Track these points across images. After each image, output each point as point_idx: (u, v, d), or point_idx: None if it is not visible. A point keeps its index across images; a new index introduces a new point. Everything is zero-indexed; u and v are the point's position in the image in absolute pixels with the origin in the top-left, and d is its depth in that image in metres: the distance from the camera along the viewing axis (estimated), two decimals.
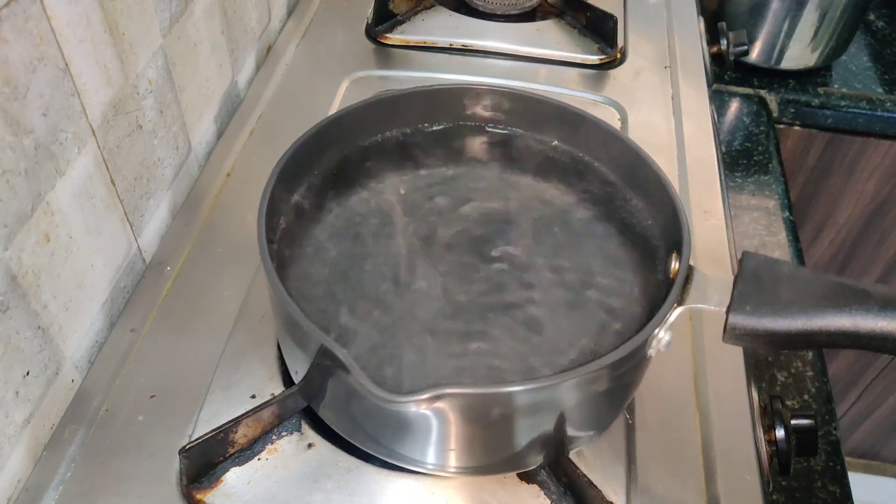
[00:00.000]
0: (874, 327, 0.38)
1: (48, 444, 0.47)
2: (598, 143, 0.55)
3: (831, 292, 0.39)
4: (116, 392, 0.50)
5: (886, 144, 1.04)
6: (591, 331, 0.45)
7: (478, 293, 0.47)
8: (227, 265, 0.58)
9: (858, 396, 1.43)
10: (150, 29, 0.56)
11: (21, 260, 0.43)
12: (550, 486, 0.46)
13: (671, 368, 0.53)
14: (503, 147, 0.58)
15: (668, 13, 0.90)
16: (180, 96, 0.62)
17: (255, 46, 0.78)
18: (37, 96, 0.43)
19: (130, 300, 0.56)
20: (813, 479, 0.63)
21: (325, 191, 0.53)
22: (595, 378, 0.40)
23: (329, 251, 0.49)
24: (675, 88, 0.78)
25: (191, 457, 0.44)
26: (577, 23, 0.85)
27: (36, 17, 0.42)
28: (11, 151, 0.41)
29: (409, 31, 0.83)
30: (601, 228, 0.52)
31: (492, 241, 0.50)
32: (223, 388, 0.50)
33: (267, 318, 0.54)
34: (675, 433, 0.49)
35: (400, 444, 0.43)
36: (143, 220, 0.58)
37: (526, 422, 0.41)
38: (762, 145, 0.94)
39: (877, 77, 1.05)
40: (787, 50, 0.99)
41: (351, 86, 0.76)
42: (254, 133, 0.70)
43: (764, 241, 0.82)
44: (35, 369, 0.46)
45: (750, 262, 0.42)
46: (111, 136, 0.52)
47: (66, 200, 0.47)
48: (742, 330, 0.40)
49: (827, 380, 0.70)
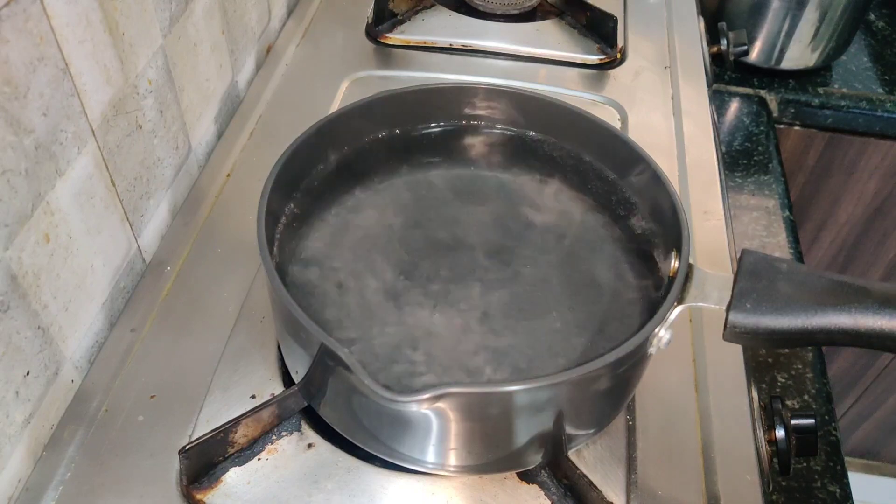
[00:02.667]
0: (874, 325, 0.38)
1: (48, 444, 0.47)
2: (597, 142, 0.55)
3: (831, 290, 0.39)
4: (116, 392, 0.50)
5: (886, 144, 1.04)
6: (592, 329, 0.45)
7: (478, 293, 0.47)
8: (227, 265, 0.58)
9: (858, 397, 1.43)
10: (150, 29, 0.56)
11: (21, 260, 0.43)
12: (550, 486, 0.46)
13: (671, 368, 0.53)
14: (502, 147, 0.58)
15: (668, 13, 0.90)
16: (180, 96, 0.62)
17: (255, 46, 0.78)
18: (37, 96, 0.43)
19: (130, 300, 0.56)
20: (813, 479, 0.63)
21: (325, 191, 0.53)
22: (595, 377, 0.40)
23: (329, 251, 0.49)
24: (675, 88, 0.78)
25: (191, 457, 0.44)
26: (576, 23, 0.85)
27: (36, 16, 0.42)
28: (12, 151, 0.41)
29: (409, 31, 0.83)
30: (601, 228, 0.52)
31: (492, 240, 0.50)
32: (223, 389, 0.50)
33: (267, 318, 0.54)
34: (675, 433, 0.49)
35: (400, 442, 0.43)
36: (143, 220, 0.58)
37: (526, 421, 0.41)
38: (762, 145, 0.94)
39: (877, 77, 1.05)
40: (787, 50, 0.99)
41: (351, 86, 0.76)
42: (254, 133, 0.70)
43: (764, 242, 0.82)
44: (35, 369, 0.46)
45: (749, 260, 0.42)
46: (111, 136, 0.52)
47: (66, 200, 0.47)
48: (742, 328, 0.40)
49: (827, 380, 0.70)
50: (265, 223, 0.44)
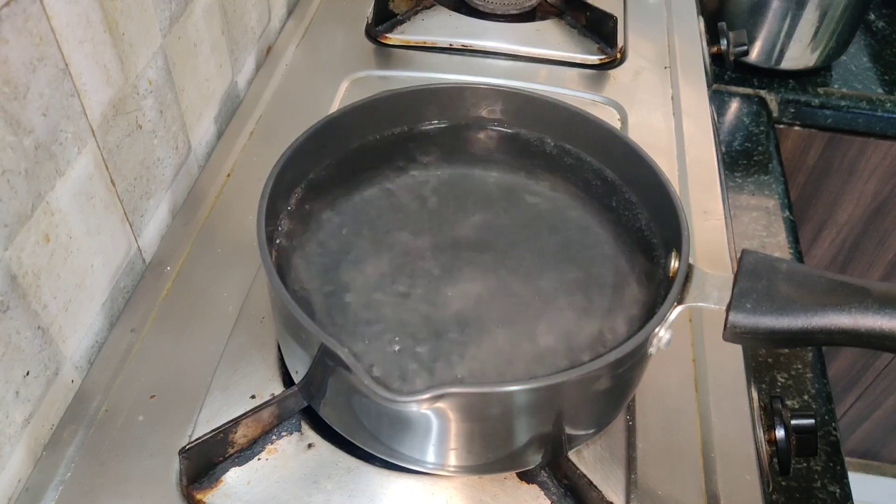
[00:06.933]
0: (874, 325, 0.38)
1: (48, 444, 0.47)
2: (597, 142, 0.55)
3: (831, 289, 0.39)
4: (116, 392, 0.50)
5: (886, 144, 1.04)
6: (592, 329, 0.45)
7: (478, 293, 0.47)
8: (227, 265, 0.58)
9: (858, 397, 1.43)
10: (150, 29, 0.56)
11: (21, 260, 0.43)
12: (550, 486, 0.46)
13: (671, 369, 0.53)
14: (503, 147, 0.58)
15: (668, 13, 0.90)
16: (180, 96, 0.62)
17: (255, 46, 0.78)
18: (37, 96, 0.43)
19: (130, 300, 0.56)
20: (813, 479, 0.63)
21: (325, 191, 0.53)
22: (595, 377, 0.40)
23: (329, 251, 0.49)
24: (674, 88, 0.78)
25: (191, 457, 0.44)
26: (576, 23, 0.85)
27: (36, 16, 0.42)
28: (11, 151, 0.41)
29: (408, 31, 0.83)
30: (601, 228, 0.52)
31: (491, 240, 0.50)
32: (223, 389, 0.50)
33: (267, 318, 0.54)
34: (675, 433, 0.49)
35: (400, 442, 0.43)
36: (142, 220, 0.58)
37: (526, 421, 0.41)
38: (762, 145, 0.94)
39: (877, 77, 1.05)
40: (787, 50, 0.99)
41: (351, 86, 0.76)
42: (254, 133, 0.70)
43: (764, 242, 0.82)
44: (35, 369, 0.46)
45: (749, 260, 0.42)
46: (111, 136, 0.52)
47: (66, 200, 0.47)
48: (742, 328, 0.40)
49: (827, 380, 0.70)
50: (265, 223, 0.44)
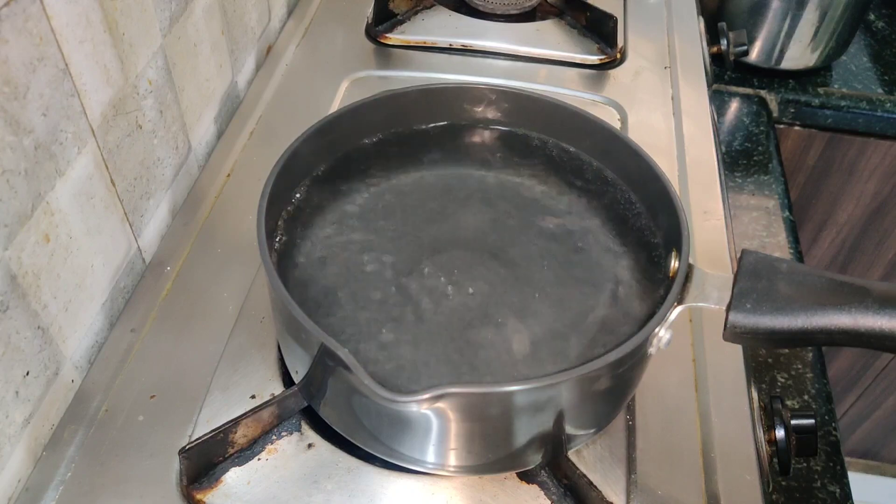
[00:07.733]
0: (874, 325, 0.38)
1: (48, 444, 0.47)
2: (597, 142, 0.55)
3: (831, 290, 0.39)
4: (116, 392, 0.50)
5: (886, 144, 1.04)
6: (592, 329, 0.45)
7: (478, 293, 0.47)
8: (227, 265, 0.58)
9: (858, 397, 1.43)
10: (150, 29, 0.56)
11: (21, 260, 0.43)
12: (551, 486, 0.46)
13: (671, 369, 0.53)
14: (503, 147, 0.58)
15: (668, 13, 0.90)
16: (180, 96, 0.62)
17: (255, 46, 0.78)
18: (37, 96, 0.43)
19: (130, 300, 0.56)
20: (813, 479, 0.63)
21: (325, 191, 0.53)
22: (595, 377, 0.40)
23: (329, 251, 0.49)
24: (674, 88, 0.78)
25: (191, 457, 0.44)
26: (576, 23, 0.85)
27: (36, 16, 0.42)
28: (11, 151, 0.41)
29: (408, 31, 0.83)
30: (601, 228, 0.52)
31: (491, 240, 0.50)
32: (223, 389, 0.50)
33: (267, 318, 0.54)
34: (675, 433, 0.49)
35: (400, 442, 0.43)
36: (142, 220, 0.58)
37: (526, 421, 0.41)
38: (762, 145, 0.94)
39: (877, 77, 1.05)
40: (787, 50, 0.99)
41: (351, 86, 0.76)
42: (254, 133, 0.70)
43: (764, 242, 0.82)
44: (35, 369, 0.46)
45: (749, 260, 0.42)
46: (111, 136, 0.52)
47: (66, 200, 0.47)
48: (742, 328, 0.40)
49: (827, 380, 0.70)
50: (265, 223, 0.44)
